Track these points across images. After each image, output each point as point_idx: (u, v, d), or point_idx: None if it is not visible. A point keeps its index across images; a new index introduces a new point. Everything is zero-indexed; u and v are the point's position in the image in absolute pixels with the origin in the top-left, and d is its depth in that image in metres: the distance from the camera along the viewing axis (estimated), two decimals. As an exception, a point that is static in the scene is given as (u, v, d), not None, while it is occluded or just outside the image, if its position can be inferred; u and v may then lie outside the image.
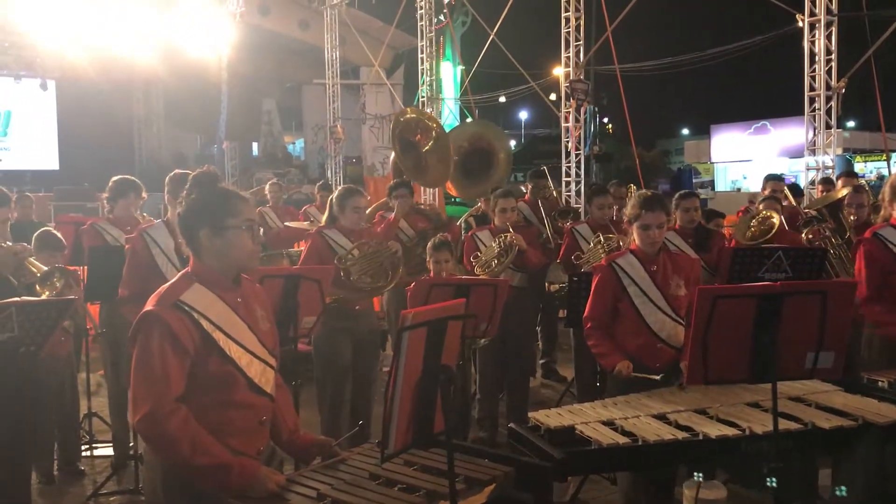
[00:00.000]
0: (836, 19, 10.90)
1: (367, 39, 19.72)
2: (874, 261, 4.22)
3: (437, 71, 17.96)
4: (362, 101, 22.14)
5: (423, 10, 16.66)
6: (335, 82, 19.96)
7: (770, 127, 31.60)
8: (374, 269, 5.21)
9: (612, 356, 3.91)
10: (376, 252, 5.22)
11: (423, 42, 16.85)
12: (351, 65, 22.21)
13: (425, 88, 17.20)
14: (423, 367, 2.25)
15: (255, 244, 2.66)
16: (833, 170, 11.12)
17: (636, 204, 3.97)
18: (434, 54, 17.21)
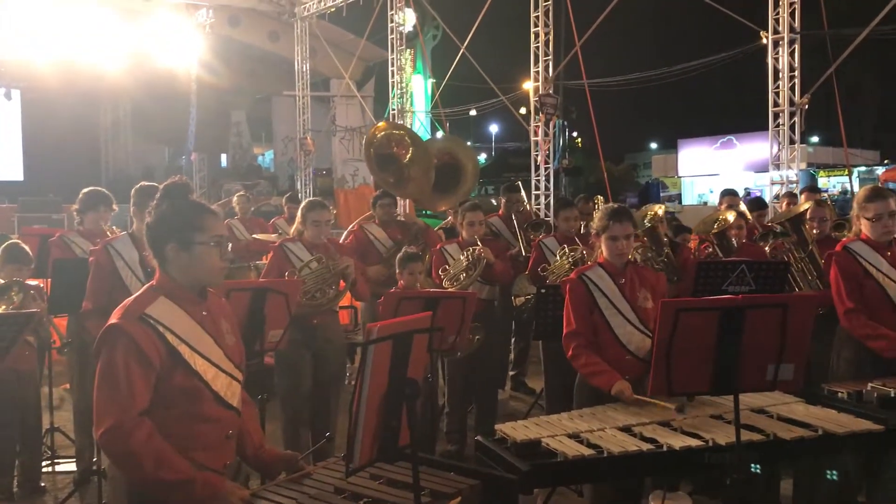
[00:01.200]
0: (799, 37, 11.13)
1: (338, 52, 19.73)
2: (848, 275, 4.30)
3: (408, 84, 18.03)
4: (332, 112, 22.12)
5: (393, 23, 16.73)
6: (305, 94, 19.94)
7: (736, 142, 32.09)
8: (324, 284, 5.19)
9: (608, 375, 3.76)
10: (327, 267, 5.21)
11: (394, 55, 16.91)
12: (321, 77, 22.20)
13: (396, 101, 17.24)
14: (388, 381, 2.25)
15: (222, 261, 2.65)
16: (797, 184, 11.32)
17: (603, 216, 3.99)
18: (405, 67, 17.27)
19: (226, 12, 19.78)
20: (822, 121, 26.31)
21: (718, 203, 7.50)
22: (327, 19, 19.17)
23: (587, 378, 3.89)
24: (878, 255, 4.27)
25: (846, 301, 4.26)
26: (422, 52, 22.75)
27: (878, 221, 4.28)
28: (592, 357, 3.87)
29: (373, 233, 6.72)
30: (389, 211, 6.88)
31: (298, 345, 5.11)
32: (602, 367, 3.82)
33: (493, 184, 29.12)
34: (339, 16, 18.40)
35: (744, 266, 5.01)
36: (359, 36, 18.88)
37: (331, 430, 4.92)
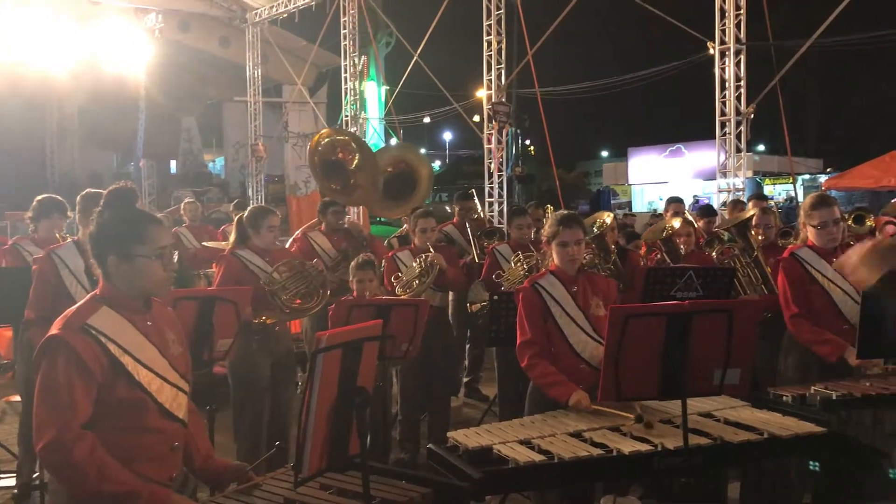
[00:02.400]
0: (745, 48, 11.39)
1: (290, 58, 19.59)
2: (795, 281, 4.39)
3: (362, 91, 17.98)
4: (285, 119, 21.95)
5: (346, 30, 16.68)
6: (257, 100, 19.76)
7: (684, 150, 32.67)
8: (304, 290, 5.15)
9: (565, 386, 3.71)
10: (303, 272, 5.17)
11: (347, 61, 16.86)
12: (273, 82, 22.02)
13: (349, 107, 17.19)
14: (338, 390, 2.23)
15: (166, 272, 2.60)
16: (743, 192, 11.57)
17: (553, 222, 3.99)
18: (358, 74, 17.23)
19: (176, 17, 19.51)
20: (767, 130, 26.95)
21: (664, 211, 7.64)
22: (279, 25, 19.04)
23: (543, 389, 3.84)
24: (824, 262, 4.37)
25: (792, 306, 4.36)
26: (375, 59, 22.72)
27: (823, 229, 4.39)
28: (548, 367, 3.83)
29: (317, 241, 6.65)
30: (339, 219, 6.83)
31: (257, 353, 5.04)
32: (558, 378, 3.78)
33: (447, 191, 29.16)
34: (292, 21, 18.28)
35: (691, 272, 5.10)
36: (311, 42, 18.78)
37: (287, 439, 4.88)
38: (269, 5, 18.34)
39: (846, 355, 4.13)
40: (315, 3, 17.02)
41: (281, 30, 19.47)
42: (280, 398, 5.26)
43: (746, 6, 11.23)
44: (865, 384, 3.96)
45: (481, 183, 13.93)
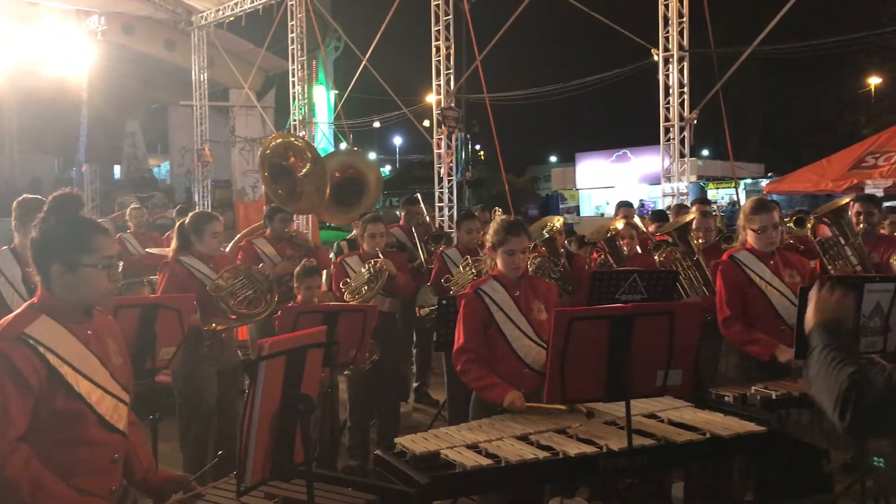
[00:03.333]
0: (688, 55, 11.62)
1: (237, 61, 19.36)
2: (732, 283, 4.49)
3: (310, 95, 17.86)
4: (232, 123, 21.67)
5: (294, 33, 16.55)
6: (203, 104, 19.48)
7: (630, 155, 33.18)
8: (252, 296, 5.09)
9: (499, 388, 3.74)
10: (251, 278, 5.10)
11: (295, 65, 16.73)
12: (220, 86, 21.73)
13: (298, 112, 17.06)
14: (281, 397, 2.21)
15: (111, 283, 2.54)
16: (687, 196, 11.78)
17: (500, 229, 3.96)
18: (306, 78, 17.11)
19: (119, 20, 19.13)
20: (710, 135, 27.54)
21: (614, 214, 7.74)
22: (226, 28, 18.81)
23: (478, 392, 3.88)
24: (762, 264, 4.48)
25: (725, 309, 4.46)
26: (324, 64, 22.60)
27: (763, 233, 4.49)
28: (482, 371, 3.84)
29: (262, 248, 6.58)
30: (286, 226, 6.78)
31: (204, 360, 4.97)
32: (492, 381, 3.79)
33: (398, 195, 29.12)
34: (238, 25, 18.07)
35: (636, 275, 5.18)
36: (259, 46, 18.59)
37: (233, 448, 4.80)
38: (215, 9, 18.10)
39: (777, 353, 4.25)
40: (262, 7, 16.86)
41: (227, 33, 19.23)
42: (227, 406, 5.20)
43: (689, 14, 11.46)
44: (804, 383, 4.06)
45: (432, 187, 13.95)
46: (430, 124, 15.28)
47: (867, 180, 12.71)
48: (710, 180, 31.23)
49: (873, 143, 14.14)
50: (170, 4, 18.88)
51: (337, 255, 7.07)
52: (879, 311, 3.75)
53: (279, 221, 6.68)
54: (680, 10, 11.41)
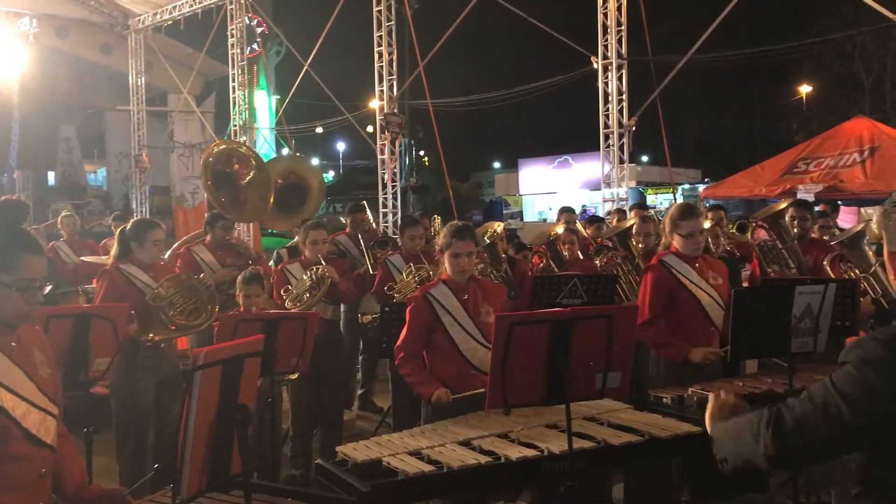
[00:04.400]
0: (626, 63, 11.83)
1: (176, 66, 19.02)
2: (660, 286, 4.57)
3: (251, 100, 17.65)
4: (170, 128, 21.28)
5: (234, 38, 16.35)
6: (141, 109, 19.10)
7: (571, 161, 33.60)
8: (192, 306, 4.99)
9: (429, 385, 3.91)
10: (191, 288, 5.01)
11: (236, 70, 16.53)
12: (158, 91, 21.32)
13: (238, 117, 16.84)
14: (217, 408, 2.17)
15: (27, 305, 2.44)
16: (627, 201, 11.99)
17: (447, 233, 4.07)
18: (247, 83, 16.91)
19: (53, 22, 18.64)
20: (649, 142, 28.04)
21: (556, 220, 7.83)
22: (164, 32, 18.47)
23: (411, 388, 4.06)
24: (689, 267, 4.58)
25: (645, 312, 4.54)
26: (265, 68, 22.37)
27: (690, 238, 4.59)
28: (416, 368, 4.02)
29: (201, 256, 6.46)
30: (227, 233, 6.67)
31: (141, 371, 4.85)
32: (423, 378, 3.97)
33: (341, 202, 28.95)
34: (177, 29, 17.77)
35: (576, 280, 5.25)
36: (198, 50, 18.30)
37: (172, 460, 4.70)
38: (152, 12, 17.78)
39: (690, 356, 4.38)
40: (201, 11, 16.61)
41: (165, 37, 18.89)
42: (166, 418, 5.09)
43: (627, 22, 11.67)
44: (738, 384, 4.17)
45: (375, 193, 13.92)
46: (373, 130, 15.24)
47: (799, 185, 13.11)
48: (649, 186, 31.82)
49: (804, 149, 14.61)
50: (105, 7, 18.47)
51: (277, 262, 7.00)
52: (810, 313, 3.86)
53: (220, 229, 6.55)
54: (618, 18, 11.62)
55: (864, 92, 29.75)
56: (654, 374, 4.73)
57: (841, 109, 27.74)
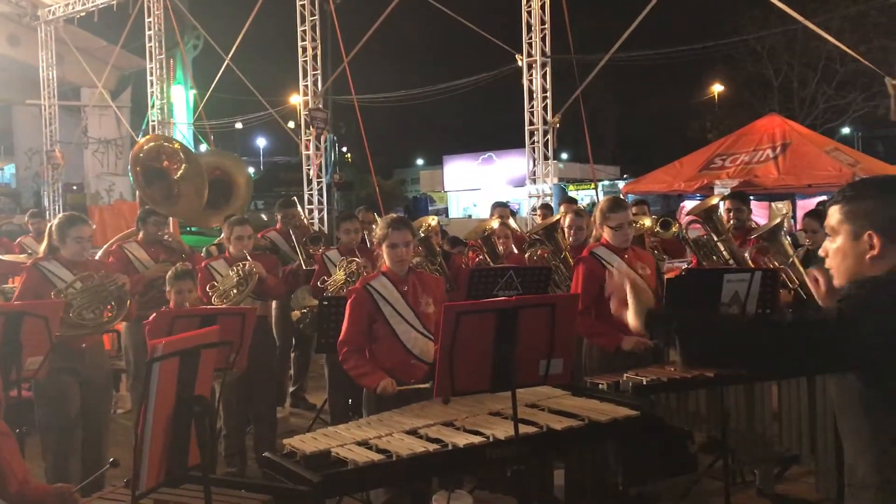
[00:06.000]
0: (550, 61, 12.04)
1: (89, 59, 18.39)
2: (592, 277, 4.70)
3: (168, 94, 17.23)
4: (84, 123, 20.57)
5: (151, 31, 15.92)
6: (52, 103, 18.40)
7: (496, 158, 33.96)
8: (98, 304, 4.87)
9: (374, 375, 3.96)
10: (100, 285, 4.88)
11: (153, 64, 16.11)
12: (71, 85, 20.59)
13: (155, 112, 16.42)
14: (175, 399, 2.15)
15: None
16: (551, 197, 12.21)
17: (383, 225, 4.14)
18: (164, 77, 16.50)
19: (-46, 12, 17.80)
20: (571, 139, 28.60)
21: (490, 215, 7.91)
22: (76, 24, 17.84)
23: (356, 380, 4.09)
24: (619, 258, 4.74)
25: (581, 303, 4.66)
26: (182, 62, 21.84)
27: (619, 230, 4.74)
28: (360, 360, 4.06)
29: (134, 253, 6.31)
30: (159, 229, 6.53)
31: (63, 371, 4.72)
32: (368, 369, 4.02)
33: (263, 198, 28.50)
34: (90, 21, 17.18)
35: (511, 272, 5.35)
36: (113, 43, 17.74)
37: (103, 461, 4.59)
38: (64, 3, 17.13)
39: (622, 343, 4.54)
40: (116, 3, 16.10)
41: (78, 29, 18.25)
42: (93, 418, 4.97)
43: (551, 21, 11.88)
44: (670, 369, 4.33)
45: (300, 190, 13.79)
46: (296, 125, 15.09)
47: (716, 181, 13.60)
48: (571, 182, 32.41)
49: (720, 146, 15.15)
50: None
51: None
52: (737, 300, 4.05)
53: (153, 225, 6.40)
54: (542, 17, 11.82)
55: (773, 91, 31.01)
56: (588, 362, 4.86)
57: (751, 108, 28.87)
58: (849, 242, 2.02)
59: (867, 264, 1.99)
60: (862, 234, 2.00)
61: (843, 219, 2.03)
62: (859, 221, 2.00)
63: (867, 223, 1.99)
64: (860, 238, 2.00)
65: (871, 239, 1.98)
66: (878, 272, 1.96)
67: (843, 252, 2.04)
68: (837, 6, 24.40)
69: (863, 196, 2.02)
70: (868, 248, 1.99)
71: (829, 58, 27.87)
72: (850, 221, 2.02)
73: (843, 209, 2.04)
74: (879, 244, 1.97)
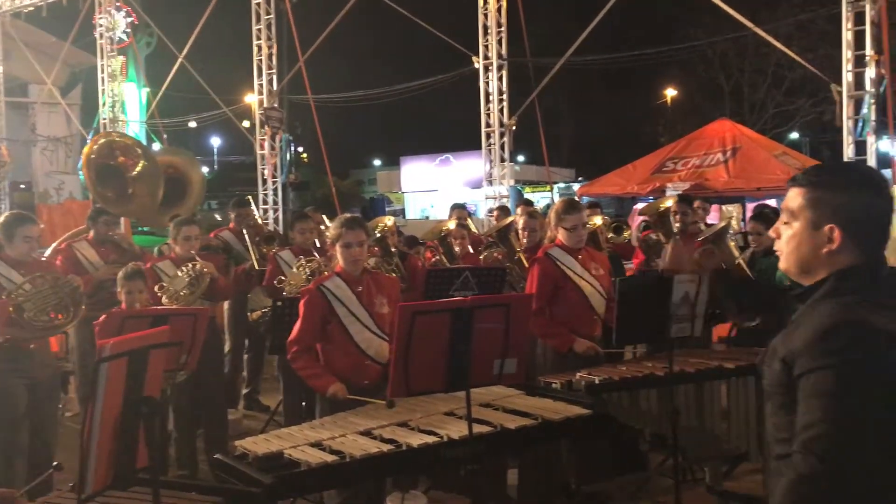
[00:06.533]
0: (506, 63, 12.12)
1: (38, 55, 17.96)
2: (547, 278, 4.74)
3: (120, 92, 16.92)
4: (32, 121, 20.10)
5: (103, 27, 15.63)
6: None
7: (453, 159, 34.04)
8: (52, 306, 4.77)
9: (324, 378, 3.94)
10: (54, 287, 4.78)
11: (104, 61, 15.82)
12: (18, 81, 20.07)
13: (107, 110, 16.12)
14: (123, 400, 2.12)
15: None
16: (508, 199, 12.29)
17: (337, 225, 4.12)
18: (116, 74, 16.20)
19: None
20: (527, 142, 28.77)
21: (448, 216, 7.94)
22: (24, 19, 17.41)
23: (306, 381, 4.06)
24: (573, 259, 4.79)
25: (535, 303, 4.71)
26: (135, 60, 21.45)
27: (574, 231, 4.80)
28: (310, 362, 4.04)
29: (83, 252, 6.19)
30: (109, 229, 6.41)
31: (10, 373, 4.62)
32: (317, 371, 4.00)
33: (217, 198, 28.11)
34: (39, 16, 16.78)
35: (468, 272, 5.38)
36: (62, 39, 17.36)
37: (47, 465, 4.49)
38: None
39: (574, 346, 4.60)
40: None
41: (26, 24, 17.80)
42: (41, 421, 4.87)
43: (507, 24, 11.97)
44: (622, 368, 4.39)
45: (254, 190, 13.66)
46: (250, 125, 14.95)
47: (668, 184, 13.83)
48: (527, 184, 32.62)
49: (672, 149, 15.42)
50: (-43, -11, 17.26)
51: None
52: (687, 300, 4.12)
53: (103, 224, 6.29)
54: (498, 20, 11.89)
55: (724, 96, 31.63)
56: (542, 362, 4.90)
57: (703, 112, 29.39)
58: (807, 231, 1.90)
59: (821, 257, 1.89)
60: (823, 225, 1.88)
61: (805, 205, 1.90)
62: (823, 212, 1.88)
63: (831, 215, 1.87)
64: (820, 229, 1.88)
65: (831, 232, 1.87)
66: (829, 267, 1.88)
67: (799, 239, 1.92)
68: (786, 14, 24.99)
69: (831, 186, 1.89)
70: (826, 242, 1.87)
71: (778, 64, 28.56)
72: (812, 209, 1.89)
73: (807, 195, 1.90)
74: (839, 240, 1.86)
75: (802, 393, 1.79)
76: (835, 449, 1.72)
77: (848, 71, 9.65)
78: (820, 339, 1.79)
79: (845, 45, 9.71)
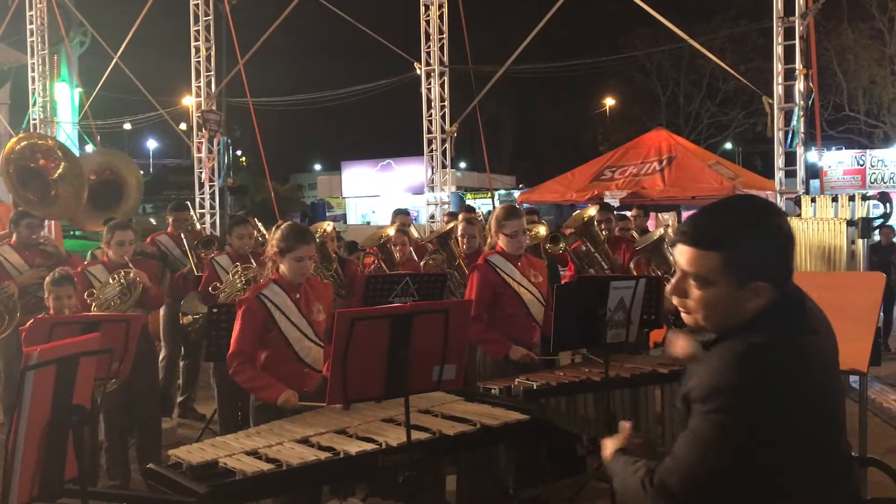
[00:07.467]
0: (448, 70, 12.19)
1: (-36, 52, 17.37)
2: (486, 284, 4.77)
3: (52, 92, 16.46)
4: (-43, 120, 19.39)
5: (33, 24, 15.19)
6: (-79, 97, 17.28)
7: (395, 165, 33.98)
8: None
9: (274, 388, 3.82)
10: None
11: (35, 60, 15.37)
12: (-58, 79, 19.37)
13: (37, 110, 15.67)
14: (52, 409, 2.06)
15: None
16: (449, 205, 12.34)
17: (289, 236, 3.99)
18: (47, 73, 15.76)
19: None
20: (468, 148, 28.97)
21: (391, 221, 7.93)
22: (-51, 14, 16.81)
23: (252, 393, 3.95)
24: (512, 266, 4.84)
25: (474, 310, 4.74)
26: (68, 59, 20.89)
27: (514, 238, 4.84)
28: (255, 372, 3.92)
29: (6, 257, 6.00)
30: (33, 232, 6.21)
31: None
32: (265, 381, 3.88)
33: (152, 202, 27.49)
34: (-35, 12, 16.24)
35: (408, 279, 5.38)
36: (-9, 36, 16.83)
37: None
38: (-65, -9, 16.14)
39: (510, 353, 4.64)
40: (-5, -7, 15.32)
41: (-48, 20, 17.19)
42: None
43: (448, 31, 12.03)
44: (560, 374, 4.44)
45: (191, 194, 13.43)
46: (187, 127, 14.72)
47: (606, 191, 14.06)
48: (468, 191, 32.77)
49: (611, 157, 15.69)
50: None
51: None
52: (623, 306, 4.19)
53: (25, 227, 6.08)
54: (440, 27, 11.95)
55: (660, 106, 32.35)
56: (482, 368, 4.92)
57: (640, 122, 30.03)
58: (730, 292, 1.81)
59: (745, 310, 1.82)
60: (747, 284, 1.80)
61: (722, 270, 1.80)
62: (743, 271, 1.80)
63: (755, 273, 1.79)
64: (745, 288, 1.80)
65: (757, 289, 1.80)
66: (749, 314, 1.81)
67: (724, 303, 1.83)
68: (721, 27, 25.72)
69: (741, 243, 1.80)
70: (753, 297, 1.80)
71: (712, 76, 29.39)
72: (731, 272, 1.80)
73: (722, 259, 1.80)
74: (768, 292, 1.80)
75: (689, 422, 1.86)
76: (683, 493, 1.82)
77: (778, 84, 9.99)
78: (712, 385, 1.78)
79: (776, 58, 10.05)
